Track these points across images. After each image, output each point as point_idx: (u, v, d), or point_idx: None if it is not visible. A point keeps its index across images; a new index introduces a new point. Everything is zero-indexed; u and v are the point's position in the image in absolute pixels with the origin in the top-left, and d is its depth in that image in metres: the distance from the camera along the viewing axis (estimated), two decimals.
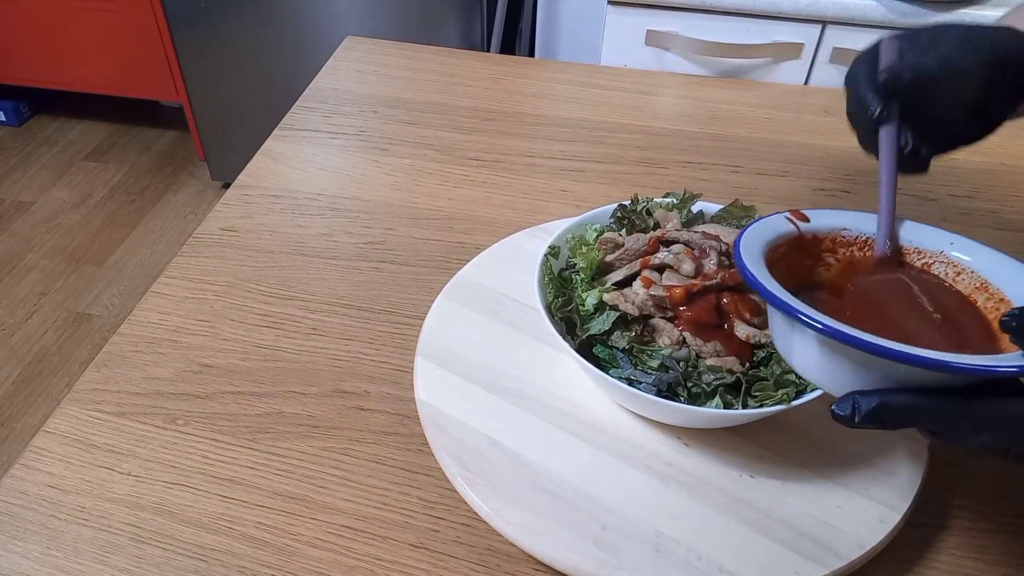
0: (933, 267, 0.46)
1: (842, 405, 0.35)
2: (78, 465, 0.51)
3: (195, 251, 0.68)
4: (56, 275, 1.89)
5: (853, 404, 0.35)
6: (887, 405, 0.34)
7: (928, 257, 0.46)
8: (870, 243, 0.47)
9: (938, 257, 0.46)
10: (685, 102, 0.93)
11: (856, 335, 0.35)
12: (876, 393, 0.35)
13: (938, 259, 0.46)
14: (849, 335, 0.35)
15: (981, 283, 0.44)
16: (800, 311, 0.37)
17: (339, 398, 0.56)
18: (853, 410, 0.35)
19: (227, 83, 1.87)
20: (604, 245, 0.56)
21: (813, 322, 0.36)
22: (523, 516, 0.46)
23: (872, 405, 0.34)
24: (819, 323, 0.36)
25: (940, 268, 0.46)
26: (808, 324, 0.36)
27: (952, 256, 0.45)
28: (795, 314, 0.37)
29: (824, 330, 0.36)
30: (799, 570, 0.44)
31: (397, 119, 0.87)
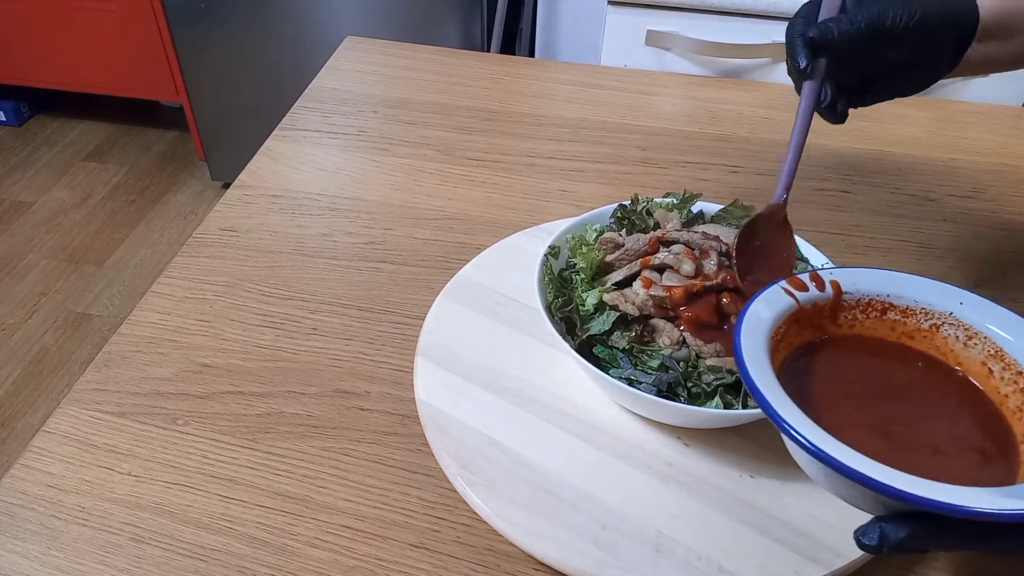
0: (942, 329, 0.42)
1: (868, 535, 0.33)
2: (78, 465, 0.51)
3: (195, 251, 0.68)
4: (56, 275, 1.89)
5: (880, 535, 0.33)
6: (915, 536, 0.33)
7: (936, 318, 0.43)
8: (874, 304, 0.44)
9: (947, 319, 0.42)
10: (685, 102, 0.93)
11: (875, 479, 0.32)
12: (903, 522, 0.33)
13: (947, 320, 0.42)
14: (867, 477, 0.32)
15: (996, 350, 0.40)
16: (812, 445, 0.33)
17: (339, 398, 0.56)
18: (880, 540, 0.33)
19: (227, 83, 1.87)
20: (604, 245, 0.56)
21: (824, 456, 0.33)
22: (523, 516, 0.46)
23: (900, 536, 0.33)
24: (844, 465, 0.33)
25: (949, 331, 0.42)
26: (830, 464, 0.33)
27: (963, 318, 0.42)
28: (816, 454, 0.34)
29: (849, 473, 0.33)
30: (799, 570, 0.44)
31: (397, 119, 0.87)
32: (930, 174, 0.81)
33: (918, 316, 0.43)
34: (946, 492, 0.31)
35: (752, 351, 0.38)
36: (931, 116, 0.91)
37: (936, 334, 0.43)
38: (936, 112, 0.91)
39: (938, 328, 0.43)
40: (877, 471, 0.32)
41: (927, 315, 0.43)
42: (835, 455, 0.33)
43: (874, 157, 0.83)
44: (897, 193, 0.78)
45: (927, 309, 0.43)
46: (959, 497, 0.31)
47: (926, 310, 0.43)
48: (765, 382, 0.37)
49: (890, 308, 0.44)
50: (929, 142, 0.86)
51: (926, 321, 0.43)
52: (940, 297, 0.43)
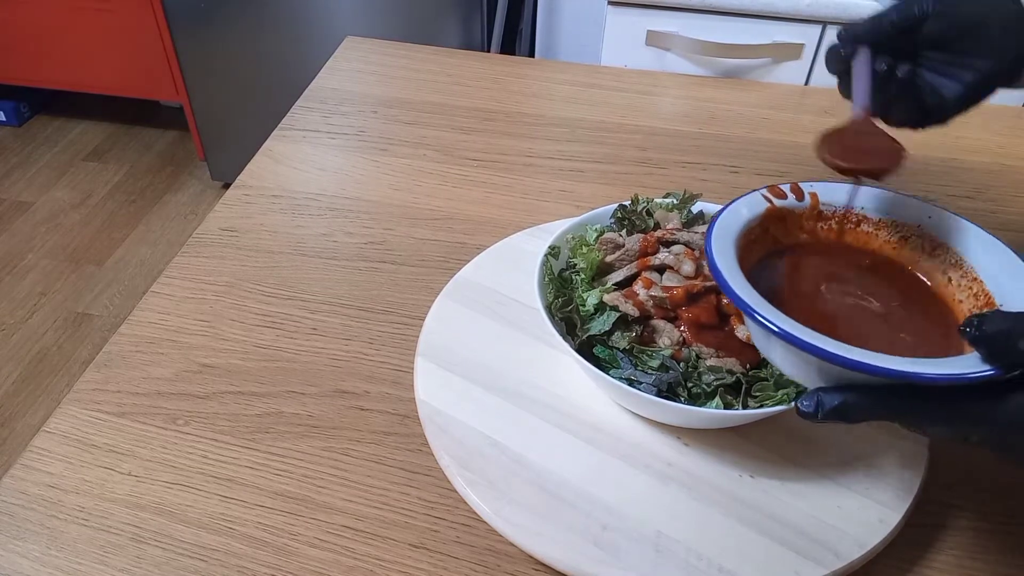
0: (910, 241, 0.46)
1: (806, 402, 0.36)
2: (78, 465, 0.51)
3: (195, 251, 0.68)
4: (56, 275, 1.89)
5: (817, 401, 0.36)
6: (848, 404, 0.36)
7: (905, 230, 0.47)
8: (849, 216, 0.48)
9: (915, 231, 0.46)
10: (685, 102, 0.93)
11: (817, 344, 0.35)
12: (839, 391, 0.36)
13: (915, 232, 0.46)
14: (810, 344, 0.35)
15: (956, 260, 0.44)
16: (759, 313, 0.37)
17: (339, 398, 0.56)
18: (817, 407, 0.36)
19: (227, 83, 1.87)
20: (604, 245, 0.56)
21: (771, 326, 0.37)
22: (523, 516, 0.46)
23: (835, 403, 0.36)
24: (776, 327, 0.36)
25: (916, 242, 0.46)
26: (766, 327, 0.37)
27: (929, 230, 0.46)
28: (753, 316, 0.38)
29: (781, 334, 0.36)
30: (799, 570, 0.44)
31: (397, 119, 0.87)
32: (930, 174, 0.81)
33: (889, 228, 0.47)
34: (876, 358, 0.34)
35: (721, 244, 0.42)
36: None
37: (905, 245, 0.47)
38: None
39: (907, 240, 0.47)
40: (816, 338, 0.36)
41: (897, 227, 0.47)
42: (782, 325, 0.36)
43: None
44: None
45: (897, 222, 0.47)
46: (886, 362, 0.34)
47: (896, 223, 0.47)
48: (729, 270, 0.40)
49: (864, 220, 0.48)
50: (929, 142, 0.86)
51: (896, 233, 0.47)
52: (910, 211, 0.47)
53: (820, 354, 0.35)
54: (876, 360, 0.34)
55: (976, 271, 0.43)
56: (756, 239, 0.45)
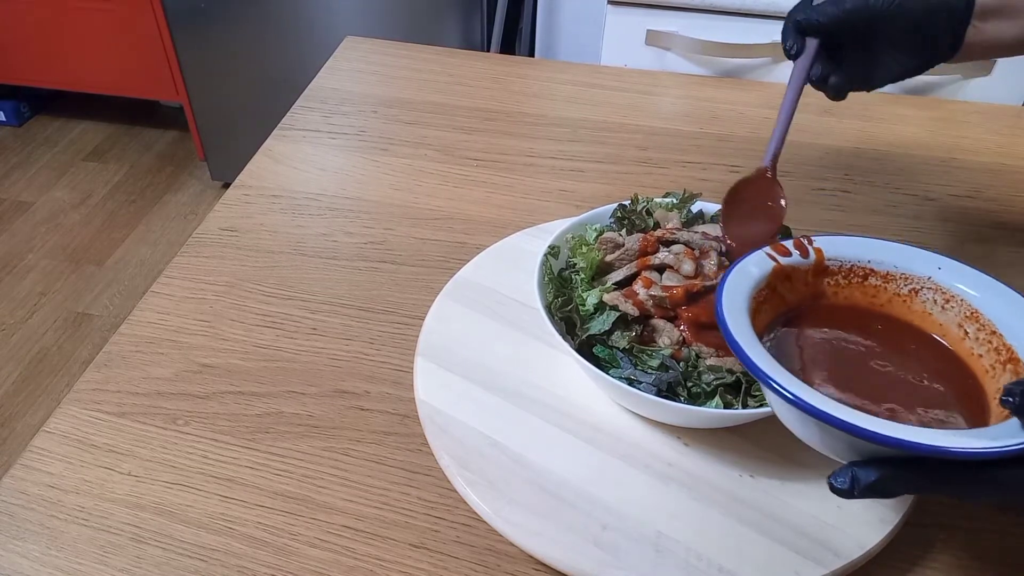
0: (920, 293, 0.44)
1: (840, 479, 0.35)
2: (78, 465, 0.51)
3: (195, 251, 0.68)
4: (56, 275, 1.89)
5: (852, 478, 0.35)
6: (885, 479, 0.34)
7: (915, 283, 0.45)
8: (855, 270, 0.46)
9: (925, 283, 0.44)
10: (685, 102, 0.93)
11: (846, 419, 0.34)
12: (874, 468, 0.35)
13: (926, 285, 0.44)
14: (847, 423, 0.34)
15: (971, 312, 0.42)
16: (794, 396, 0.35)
17: (339, 398, 0.56)
18: (852, 484, 0.35)
19: (227, 83, 1.86)
20: (604, 245, 0.56)
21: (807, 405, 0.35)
22: (523, 516, 0.46)
23: (871, 480, 0.34)
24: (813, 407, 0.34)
25: (928, 295, 0.44)
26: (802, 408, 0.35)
27: (940, 282, 0.44)
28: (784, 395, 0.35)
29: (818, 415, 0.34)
30: (799, 570, 0.44)
31: (397, 119, 0.87)
32: (930, 174, 0.81)
33: (898, 281, 0.45)
34: (913, 433, 0.33)
35: (732, 310, 0.40)
36: (931, 116, 0.91)
37: (915, 298, 0.45)
38: (936, 112, 0.91)
39: (917, 292, 0.45)
40: (850, 415, 0.34)
41: (906, 280, 0.45)
42: (810, 401, 0.35)
43: (874, 157, 0.83)
44: (897, 193, 0.78)
45: (906, 274, 0.45)
46: (919, 435, 0.33)
47: (906, 275, 0.45)
48: (745, 338, 0.38)
49: (871, 274, 0.46)
50: (929, 142, 0.86)
51: (905, 286, 0.45)
52: (919, 263, 0.45)
53: (859, 433, 0.33)
54: (917, 436, 0.33)
55: (994, 324, 0.41)
56: (765, 300, 0.44)
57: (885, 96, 0.95)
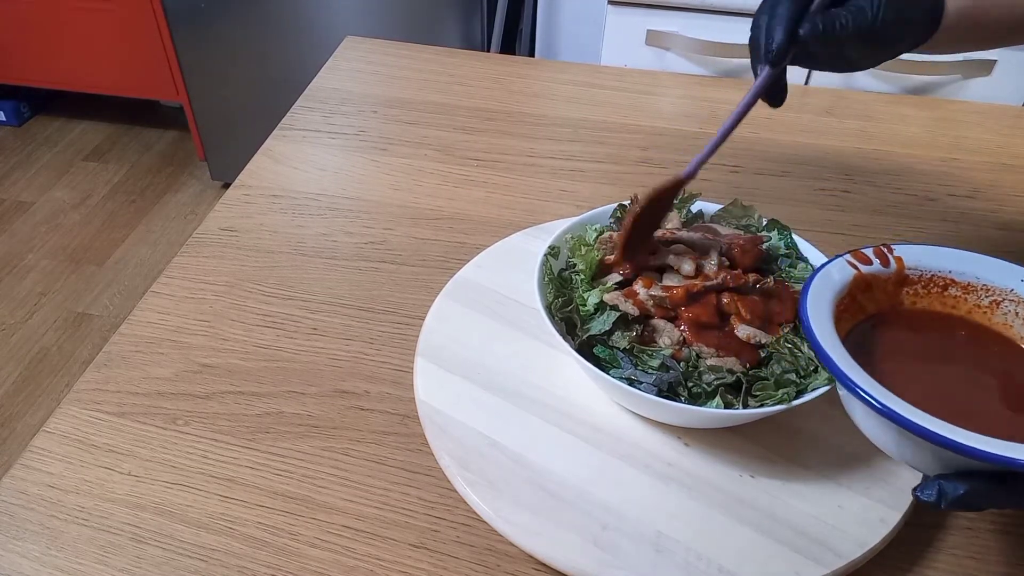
0: (1002, 305, 0.44)
1: (928, 492, 0.35)
2: (78, 465, 0.51)
3: (195, 251, 0.68)
4: (56, 275, 1.89)
5: (939, 491, 0.35)
6: (974, 493, 0.34)
7: (996, 294, 0.44)
8: (935, 280, 0.46)
9: (1007, 295, 0.44)
10: (685, 102, 0.93)
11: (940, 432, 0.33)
12: (962, 481, 0.34)
13: (1007, 297, 0.44)
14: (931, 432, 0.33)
15: None
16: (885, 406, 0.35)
17: (339, 398, 0.56)
18: (939, 497, 0.35)
19: (227, 83, 1.86)
20: (604, 245, 0.56)
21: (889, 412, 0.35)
22: (523, 516, 0.46)
23: (959, 493, 0.34)
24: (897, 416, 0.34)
25: (1010, 307, 0.44)
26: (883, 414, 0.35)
27: (1022, 295, 0.43)
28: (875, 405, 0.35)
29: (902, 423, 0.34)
30: (799, 570, 0.44)
31: (397, 119, 0.87)
32: (930, 174, 0.81)
33: (979, 292, 0.45)
34: (1004, 447, 0.32)
35: (818, 318, 0.40)
36: (931, 116, 0.91)
37: (996, 310, 0.44)
38: (936, 112, 0.91)
39: (998, 304, 0.44)
40: (940, 427, 0.33)
41: (988, 291, 0.45)
42: (898, 410, 0.34)
43: (874, 157, 0.83)
44: (897, 193, 0.78)
45: (988, 286, 0.45)
46: (1016, 451, 0.32)
47: (987, 287, 0.45)
48: (832, 347, 0.38)
49: (951, 284, 0.46)
50: (929, 142, 0.86)
51: (986, 298, 0.45)
52: (1001, 274, 0.44)
53: (952, 446, 0.33)
54: (1013, 452, 0.32)
55: None
56: (845, 309, 0.44)
57: (885, 96, 0.95)
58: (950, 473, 0.35)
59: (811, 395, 0.46)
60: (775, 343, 0.49)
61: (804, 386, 0.47)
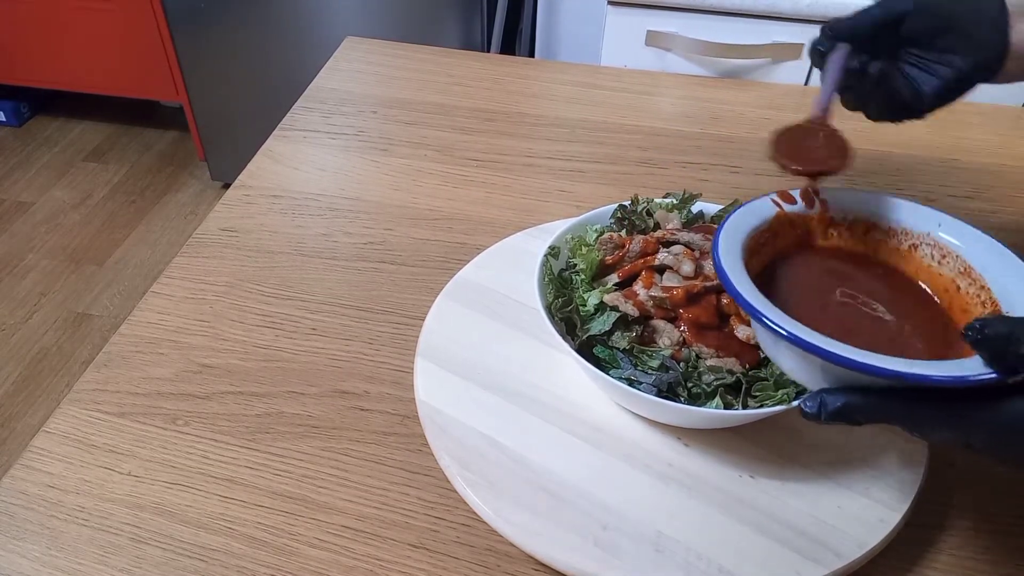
0: (920, 248, 0.46)
1: (809, 403, 0.37)
2: (78, 465, 0.51)
3: (195, 251, 0.68)
4: (56, 275, 1.89)
5: (820, 402, 0.36)
6: (851, 405, 0.36)
7: (915, 238, 0.46)
8: (858, 224, 0.48)
9: (925, 239, 0.46)
10: (685, 102, 0.93)
11: (821, 346, 0.35)
12: (842, 392, 0.36)
13: (925, 241, 0.46)
14: (814, 345, 0.36)
15: (965, 268, 0.44)
16: (764, 315, 0.38)
17: (339, 398, 0.56)
18: (820, 408, 0.36)
19: (227, 83, 1.87)
20: (604, 245, 0.56)
21: (777, 328, 0.37)
22: (523, 516, 0.46)
23: (838, 404, 0.36)
24: (783, 329, 0.37)
25: (926, 250, 0.46)
26: (771, 330, 0.37)
27: (939, 238, 0.45)
28: (758, 318, 0.38)
29: (787, 337, 0.37)
30: (799, 570, 0.44)
31: (397, 119, 0.87)
32: (930, 174, 0.81)
33: (899, 236, 0.47)
34: (877, 359, 0.35)
35: (728, 246, 0.42)
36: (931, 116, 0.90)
37: (914, 254, 0.46)
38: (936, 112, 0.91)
39: (916, 248, 0.46)
40: (824, 342, 0.36)
41: (907, 235, 0.47)
42: (786, 326, 0.37)
43: (874, 157, 0.83)
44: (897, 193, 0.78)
45: (907, 230, 0.47)
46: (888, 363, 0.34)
47: (907, 231, 0.47)
48: (734, 270, 0.40)
49: (873, 228, 0.48)
50: (929, 142, 0.86)
51: (906, 241, 0.47)
52: (920, 219, 0.46)
53: (824, 355, 0.35)
54: (879, 361, 0.34)
55: (984, 280, 0.42)
56: (765, 243, 0.45)
57: None
58: (833, 388, 0.37)
59: None
60: None
61: (803, 387, 0.47)
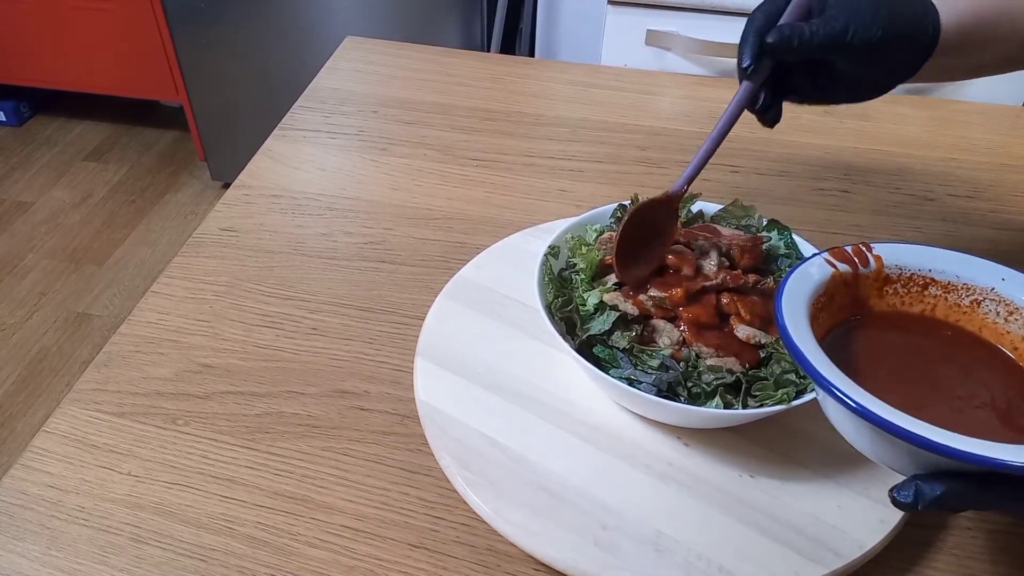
0: (983, 304, 0.43)
1: (904, 493, 0.34)
2: (78, 465, 0.51)
3: (195, 251, 0.68)
4: (56, 275, 1.89)
5: (915, 492, 0.34)
6: (951, 493, 0.33)
7: (977, 294, 0.43)
8: (915, 279, 0.45)
9: (988, 294, 0.43)
10: (685, 102, 0.93)
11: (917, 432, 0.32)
12: (939, 481, 0.34)
13: (988, 296, 0.43)
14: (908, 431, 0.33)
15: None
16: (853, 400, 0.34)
17: (339, 398, 0.56)
18: (916, 498, 0.34)
19: (227, 83, 1.87)
20: (604, 245, 0.56)
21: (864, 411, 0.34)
22: (523, 516, 0.46)
23: (936, 494, 0.33)
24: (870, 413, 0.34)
25: (990, 306, 0.43)
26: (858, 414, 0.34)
27: (1004, 294, 0.42)
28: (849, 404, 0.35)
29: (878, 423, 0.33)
30: (799, 570, 0.44)
31: (397, 119, 0.87)
32: (930, 174, 0.81)
33: (959, 291, 0.44)
34: (982, 446, 0.32)
35: (792, 315, 0.39)
36: (931, 116, 0.91)
37: (977, 310, 0.43)
38: (936, 112, 0.91)
39: (979, 304, 0.43)
40: (915, 425, 0.33)
41: (968, 291, 0.44)
42: (875, 410, 0.33)
43: (874, 157, 0.83)
44: (897, 193, 0.78)
45: (968, 285, 0.44)
46: (995, 451, 0.31)
47: (968, 286, 0.44)
48: (806, 344, 0.37)
49: (932, 283, 0.45)
50: (929, 142, 0.86)
51: (967, 297, 0.44)
52: (982, 273, 0.43)
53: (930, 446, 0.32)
54: (991, 452, 0.32)
55: None
56: (823, 307, 0.42)
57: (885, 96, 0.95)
58: (927, 474, 0.34)
59: (811, 395, 0.46)
60: (775, 343, 0.49)
61: (804, 386, 0.48)
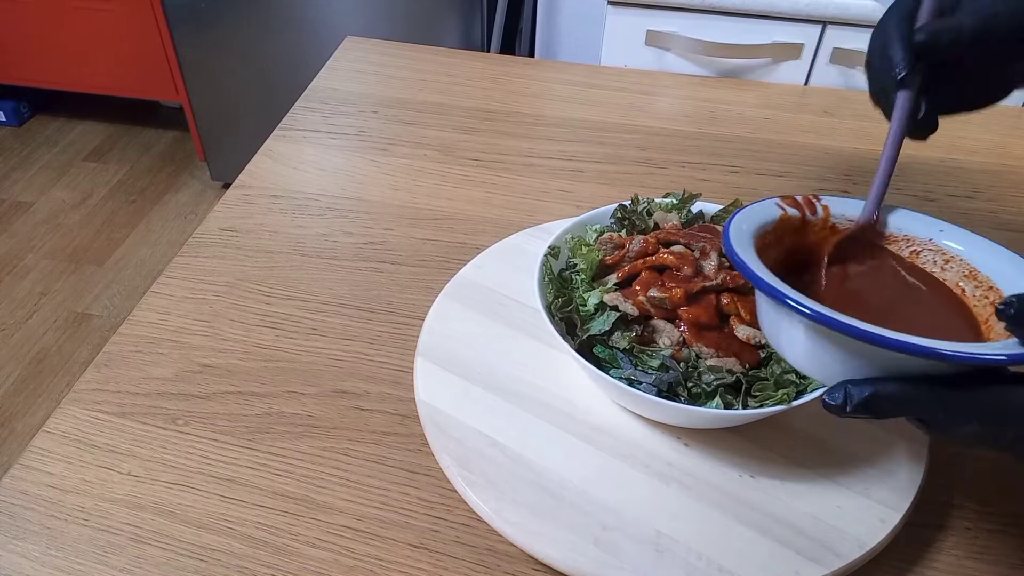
0: (921, 255, 0.46)
1: (833, 394, 0.35)
2: (78, 465, 0.51)
3: (195, 251, 0.68)
4: (56, 275, 1.89)
5: (845, 393, 0.35)
6: (879, 395, 0.34)
7: (916, 244, 0.46)
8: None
9: (927, 244, 0.46)
10: (685, 102, 0.93)
11: (845, 321, 0.34)
12: (868, 382, 0.34)
13: (927, 247, 0.46)
14: (838, 321, 0.34)
15: (970, 271, 0.44)
16: (788, 296, 0.36)
17: (339, 398, 0.56)
18: (845, 399, 0.34)
19: (227, 83, 1.87)
20: (604, 245, 0.56)
21: (801, 307, 0.35)
22: (523, 516, 0.46)
23: (864, 395, 0.34)
24: (807, 308, 0.35)
25: (928, 256, 0.46)
26: (796, 309, 0.36)
27: (941, 244, 0.46)
28: (783, 299, 0.36)
29: (812, 315, 0.35)
30: (799, 570, 0.44)
31: (397, 119, 0.87)
32: (930, 174, 0.81)
33: (900, 243, 0.47)
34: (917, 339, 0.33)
35: (739, 238, 0.42)
36: None
37: (916, 259, 0.46)
38: None
39: (918, 254, 0.46)
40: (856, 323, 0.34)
41: (908, 242, 0.47)
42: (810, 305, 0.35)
43: (874, 157, 0.83)
44: (897, 193, 0.78)
45: (909, 236, 0.47)
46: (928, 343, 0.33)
47: (908, 237, 0.47)
48: (749, 257, 0.40)
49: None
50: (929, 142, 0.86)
51: (907, 248, 0.47)
52: (921, 226, 0.47)
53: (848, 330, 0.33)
54: (919, 341, 0.33)
55: (992, 279, 0.42)
56: (769, 244, 0.45)
57: None
58: (858, 379, 0.35)
59: (811, 395, 0.46)
60: None
61: (804, 386, 0.48)
